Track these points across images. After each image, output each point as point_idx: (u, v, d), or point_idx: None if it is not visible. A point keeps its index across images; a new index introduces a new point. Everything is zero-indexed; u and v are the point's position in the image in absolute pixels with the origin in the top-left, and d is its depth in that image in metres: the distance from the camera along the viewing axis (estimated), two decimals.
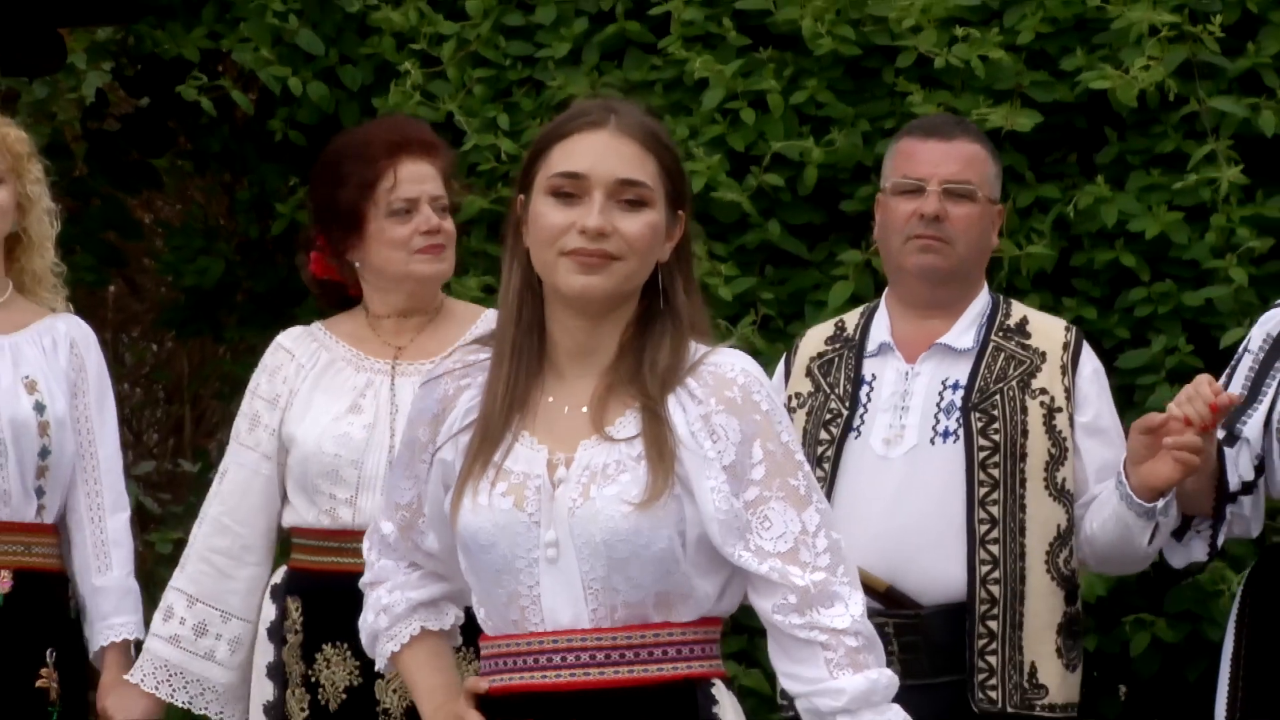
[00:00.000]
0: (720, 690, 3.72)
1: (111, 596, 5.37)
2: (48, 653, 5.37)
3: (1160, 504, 4.95)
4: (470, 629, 3.87)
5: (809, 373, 5.25)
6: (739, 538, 3.64)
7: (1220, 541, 5.08)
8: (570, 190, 3.63)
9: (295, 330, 5.23)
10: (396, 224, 5.01)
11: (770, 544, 3.63)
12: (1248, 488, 5.08)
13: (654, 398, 3.65)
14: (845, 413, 5.17)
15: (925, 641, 5.04)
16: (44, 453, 5.35)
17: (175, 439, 10.95)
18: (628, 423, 3.67)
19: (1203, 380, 4.90)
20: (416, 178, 5.03)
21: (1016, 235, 6.66)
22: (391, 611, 3.90)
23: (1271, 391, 5.11)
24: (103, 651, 5.38)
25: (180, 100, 7.29)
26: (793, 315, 6.76)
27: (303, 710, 5.09)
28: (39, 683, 5.34)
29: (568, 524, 3.64)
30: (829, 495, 5.04)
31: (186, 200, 9.62)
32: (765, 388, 3.69)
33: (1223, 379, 5.11)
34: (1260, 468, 5.11)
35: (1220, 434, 5.01)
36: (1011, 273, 6.59)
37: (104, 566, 5.39)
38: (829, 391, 5.21)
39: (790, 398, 5.23)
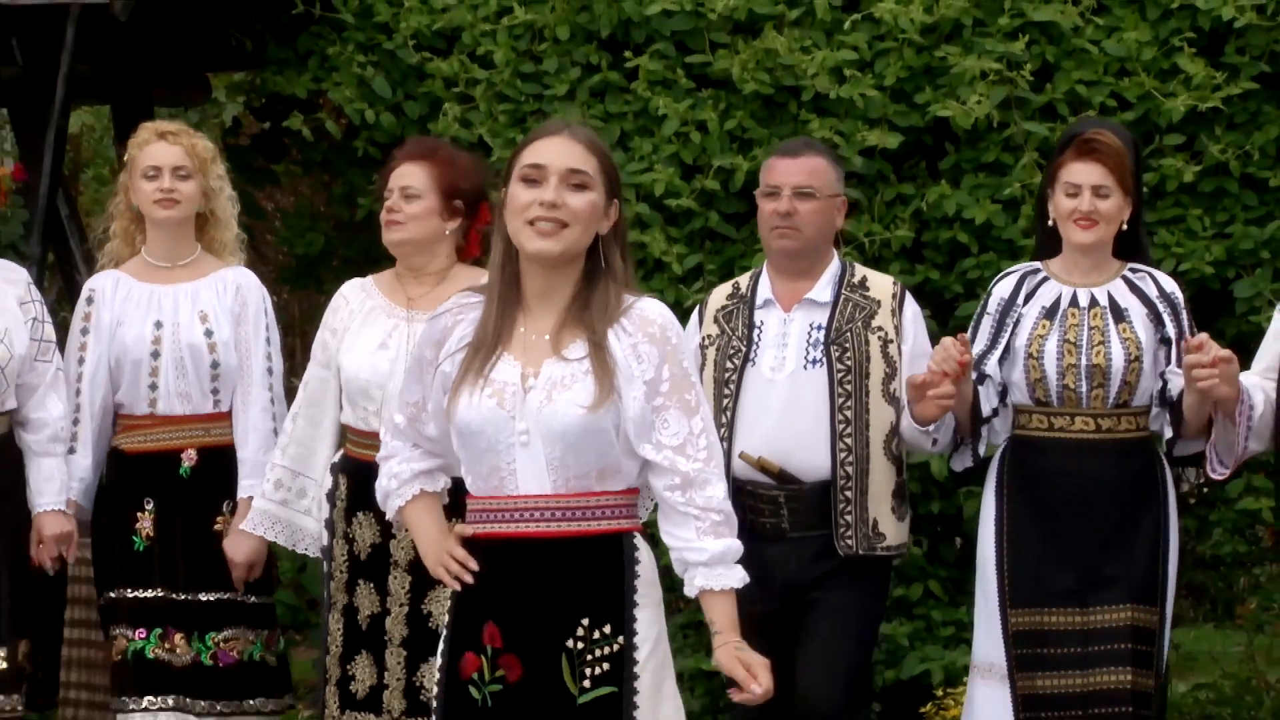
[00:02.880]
0: (639, 540, 3.78)
1: (246, 466, 5.46)
2: (224, 504, 5.49)
3: (931, 427, 5.09)
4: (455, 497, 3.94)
5: (716, 320, 5.31)
6: (646, 434, 3.72)
7: (982, 451, 5.17)
8: (534, 177, 3.70)
9: (354, 281, 5.27)
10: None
11: (667, 439, 3.71)
12: (996, 411, 5.17)
13: (598, 332, 3.70)
14: (744, 349, 5.18)
15: (806, 506, 5.15)
16: (215, 365, 5.50)
17: (289, 364, 10.31)
18: (577, 348, 3.71)
19: (947, 342, 4.96)
20: None
21: (885, 220, 6.75)
22: (400, 477, 3.93)
23: (1005, 337, 5.14)
24: (236, 504, 5.48)
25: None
26: (725, 277, 6.53)
27: (344, 556, 5.12)
28: (216, 526, 5.48)
29: (536, 418, 3.69)
30: (734, 409, 5.13)
31: (297, 194, 9.56)
32: (676, 328, 3.76)
33: (970, 332, 5.20)
34: (1004, 395, 5.16)
35: (975, 375, 5.12)
36: (881, 246, 6.69)
37: (244, 444, 5.49)
38: (731, 334, 5.23)
39: (704, 339, 5.29)
